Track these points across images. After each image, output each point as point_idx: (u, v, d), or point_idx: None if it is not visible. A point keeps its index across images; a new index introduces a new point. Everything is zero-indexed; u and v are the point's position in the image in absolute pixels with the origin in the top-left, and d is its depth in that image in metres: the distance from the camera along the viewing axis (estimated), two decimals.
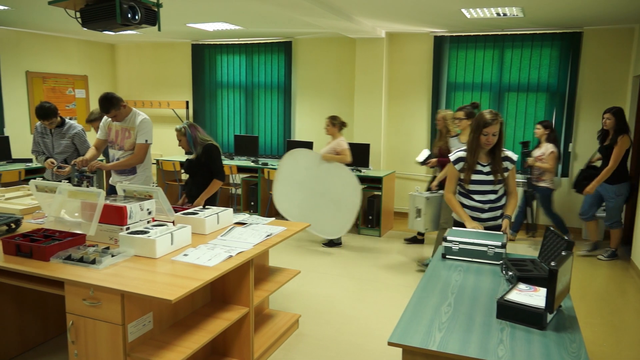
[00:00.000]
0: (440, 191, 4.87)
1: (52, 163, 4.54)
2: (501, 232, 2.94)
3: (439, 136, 5.31)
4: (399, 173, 7.12)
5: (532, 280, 2.27)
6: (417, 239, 6.03)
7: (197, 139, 3.92)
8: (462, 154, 3.11)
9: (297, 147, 7.12)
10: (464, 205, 3.16)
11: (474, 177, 3.07)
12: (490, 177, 3.06)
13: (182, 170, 4.17)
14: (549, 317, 1.95)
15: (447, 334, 1.86)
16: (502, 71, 6.47)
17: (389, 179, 6.55)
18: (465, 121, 4.66)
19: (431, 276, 2.50)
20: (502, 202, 3.12)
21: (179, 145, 4.01)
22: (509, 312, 1.98)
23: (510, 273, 2.40)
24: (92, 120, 4.89)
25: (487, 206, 3.09)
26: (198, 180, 3.97)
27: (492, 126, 2.95)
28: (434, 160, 5.20)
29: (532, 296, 2.06)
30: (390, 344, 1.81)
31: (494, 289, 2.33)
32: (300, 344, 3.47)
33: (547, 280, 1.89)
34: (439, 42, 6.68)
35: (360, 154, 6.72)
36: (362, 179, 6.22)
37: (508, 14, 5.31)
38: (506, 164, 3.07)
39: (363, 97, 6.96)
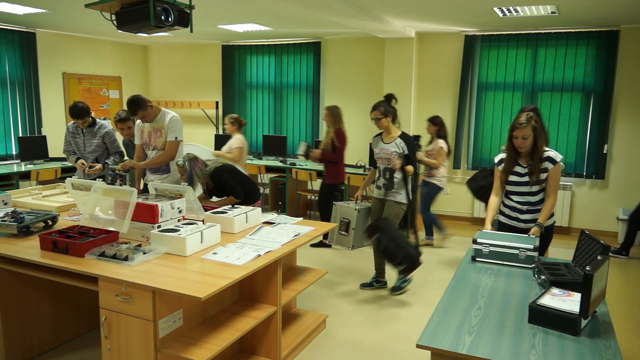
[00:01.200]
0: (367, 203, 4.54)
1: (83, 164, 4.67)
2: (533, 237, 2.88)
3: (325, 132, 5.37)
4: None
5: (566, 285, 2.21)
6: (323, 243, 5.64)
7: (197, 175, 3.92)
8: (504, 155, 3.12)
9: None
10: (505, 206, 3.16)
11: (512, 178, 3.07)
12: (527, 179, 3.02)
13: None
14: (583, 322, 1.90)
15: (477, 337, 1.83)
16: (535, 71, 6.33)
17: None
18: (385, 119, 4.14)
19: (460, 279, 2.46)
20: (532, 216, 3.08)
21: (182, 179, 4.03)
22: (542, 316, 1.94)
23: (543, 277, 2.35)
24: (119, 121, 4.88)
25: (525, 207, 3.05)
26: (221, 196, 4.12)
27: (521, 130, 2.91)
28: (317, 151, 5.13)
29: (566, 301, 2.01)
30: (418, 346, 1.79)
31: (526, 293, 2.28)
32: (327, 344, 3.47)
33: (582, 285, 1.84)
34: (470, 42, 6.58)
35: None
36: None
37: (542, 13, 5.20)
38: (546, 164, 2.98)
39: None
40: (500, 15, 5.36)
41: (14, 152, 6.90)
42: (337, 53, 7.47)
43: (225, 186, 3.98)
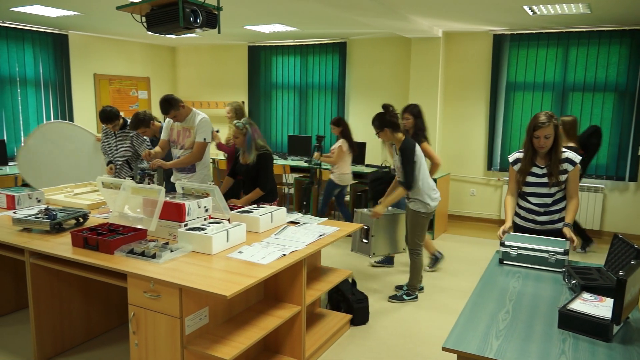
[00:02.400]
0: (393, 209, 4.41)
1: (112, 169, 4.84)
2: (563, 240, 2.80)
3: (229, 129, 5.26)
4: (453, 175, 6.96)
5: (598, 290, 2.15)
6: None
7: (255, 143, 3.89)
8: (520, 155, 3.03)
9: None
10: (520, 207, 3.08)
11: (529, 179, 2.99)
12: (545, 180, 2.94)
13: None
14: (615, 328, 1.85)
15: (505, 342, 1.80)
16: (566, 70, 6.18)
17: (443, 181, 6.42)
18: (382, 133, 3.99)
19: (487, 282, 2.42)
20: (561, 205, 2.98)
21: (234, 142, 3.96)
22: (572, 322, 1.89)
23: (574, 281, 2.29)
24: (139, 126, 4.81)
25: (542, 209, 2.98)
26: (256, 185, 3.99)
27: (543, 129, 2.83)
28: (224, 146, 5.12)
29: (598, 306, 1.96)
30: (444, 349, 1.77)
31: (555, 298, 2.23)
32: (351, 345, 3.46)
33: (615, 290, 1.79)
34: (499, 41, 6.47)
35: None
36: None
37: (574, 11, 5.08)
38: (565, 165, 2.92)
39: (418, 98, 6.84)
40: (530, 13, 5.25)
41: None
42: (362, 53, 7.45)
43: (264, 172, 3.91)
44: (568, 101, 6.22)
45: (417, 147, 3.99)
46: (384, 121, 3.94)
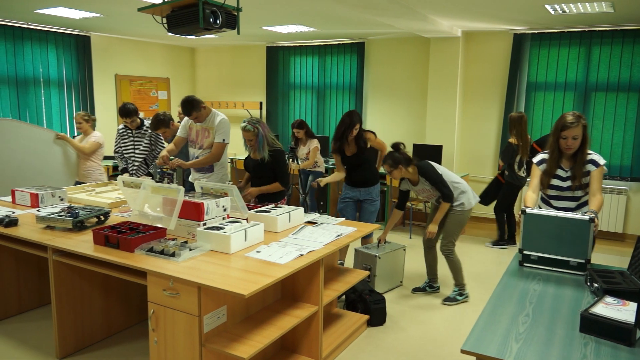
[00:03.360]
0: (392, 244, 4.39)
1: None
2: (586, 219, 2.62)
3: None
4: (472, 176, 6.89)
5: (621, 294, 2.11)
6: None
7: (266, 140, 3.87)
8: (545, 156, 2.97)
9: None
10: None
11: (553, 181, 2.93)
12: (569, 183, 2.88)
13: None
14: (639, 333, 1.81)
15: (525, 345, 1.78)
16: (588, 70, 6.07)
17: None
18: (397, 171, 3.98)
19: (507, 284, 2.40)
20: (585, 209, 2.92)
21: (248, 144, 3.92)
22: (594, 326, 1.86)
23: (596, 285, 2.25)
24: (159, 126, 4.87)
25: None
26: (263, 182, 3.96)
27: (571, 129, 2.77)
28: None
29: (621, 310, 1.92)
30: (463, 351, 1.75)
31: (577, 301, 2.19)
32: (369, 346, 3.45)
33: (639, 294, 1.75)
34: (519, 40, 6.39)
35: (432, 156, 6.58)
36: None
37: (597, 10, 4.98)
38: (589, 167, 2.86)
39: (436, 98, 6.81)
40: (552, 12, 5.18)
41: None
42: (381, 53, 7.42)
43: (280, 169, 3.92)
44: (590, 101, 6.11)
45: (434, 164, 4.09)
46: (397, 159, 3.96)
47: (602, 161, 2.87)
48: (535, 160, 3.04)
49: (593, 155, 2.88)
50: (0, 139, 5.11)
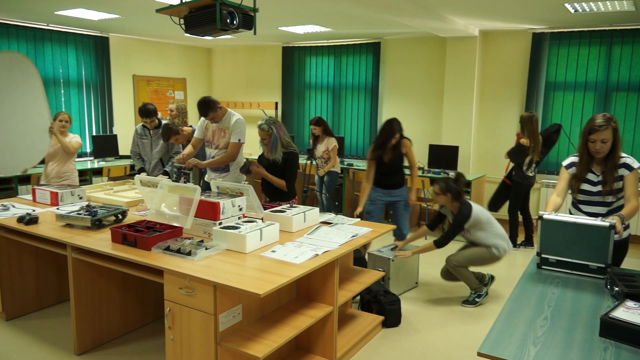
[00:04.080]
0: (406, 252, 4.26)
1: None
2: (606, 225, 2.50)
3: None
4: (489, 177, 6.83)
5: None
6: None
7: (280, 143, 3.87)
8: (575, 159, 2.86)
9: None
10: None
11: (583, 186, 2.82)
12: (599, 188, 2.78)
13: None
14: None
15: (543, 349, 1.75)
16: (609, 70, 5.97)
17: (478, 183, 6.31)
18: (443, 197, 4.02)
19: (524, 287, 2.36)
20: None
21: (262, 143, 3.95)
22: (614, 330, 1.82)
23: (617, 289, 2.21)
24: (170, 136, 4.88)
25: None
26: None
27: (600, 132, 2.66)
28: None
29: None
30: (479, 354, 1.73)
31: (597, 305, 2.15)
32: (383, 347, 3.44)
33: None
34: (538, 39, 6.31)
35: (448, 157, 6.54)
36: None
37: (618, 8, 4.89)
38: (621, 171, 2.73)
39: (453, 98, 6.76)
40: (572, 11, 5.10)
41: (88, 150, 7.34)
42: (397, 53, 7.39)
43: (290, 171, 3.92)
44: (611, 101, 6.01)
45: (475, 212, 4.01)
46: (450, 188, 3.99)
47: (635, 164, 2.73)
48: (564, 163, 2.92)
49: (626, 158, 2.75)
50: (8, 73, 4.62)
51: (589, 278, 2.48)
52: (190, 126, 5.34)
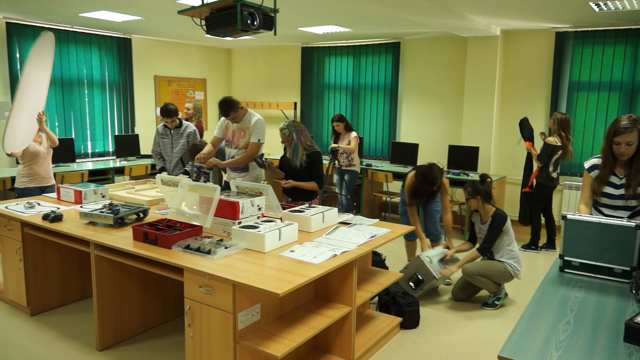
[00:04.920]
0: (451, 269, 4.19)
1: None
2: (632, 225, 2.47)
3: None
4: (509, 178, 6.74)
5: None
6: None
7: (302, 147, 3.92)
8: (597, 161, 2.79)
9: (400, 149, 7.05)
10: None
11: (606, 189, 2.76)
12: (621, 191, 2.71)
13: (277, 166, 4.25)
14: None
15: (566, 353, 1.72)
16: (635, 69, 5.84)
17: (498, 184, 6.23)
18: (473, 200, 4.09)
19: (546, 290, 2.33)
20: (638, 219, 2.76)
21: (283, 143, 4.05)
22: (639, 335, 1.78)
23: None
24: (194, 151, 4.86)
25: None
26: (290, 178, 4.04)
27: (625, 135, 2.58)
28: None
29: None
30: (500, 358, 1.71)
31: (621, 309, 2.11)
32: (401, 348, 3.42)
33: None
34: (562, 38, 6.21)
35: (468, 158, 6.48)
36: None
37: None
38: None
39: (473, 98, 6.69)
40: (597, 10, 5.00)
41: (110, 149, 7.46)
42: (416, 53, 7.34)
43: (317, 170, 3.98)
44: (637, 102, 5.87)
45: (508, 220, 4.06)
46: (478, 190, 4.03)
47: None
48: (586, 165, 2.85)
49: None
50: (48, 50, 4.63)
51: (614, 282, 2.43)
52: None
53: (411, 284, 4.11)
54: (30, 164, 4.76)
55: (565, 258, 2.56)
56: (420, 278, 4.11)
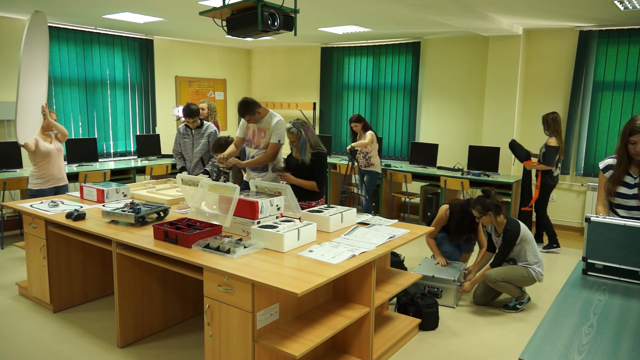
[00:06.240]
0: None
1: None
2: None
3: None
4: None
5: None
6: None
7: (309, 144, 3.92)
8: (612, 161, 2.77)
9: (419, 149, 7.01)
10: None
11: (620, 189, 2.73)
12: (635, 191, 2.67)
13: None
14: None
15: (588, 357, 1.69)
16: None
17: (519, 186, 6.14)
18: (486, 217, 4.01)
19: (569, 293, 2.29)
20: None
21: (291, 145, 4.02)
22: None
23: None
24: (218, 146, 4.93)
25: None
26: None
27: None
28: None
29: None
30: None
31: None
32: (420, 350, 3.40)
33: None
34: (585, 38, 6.09)
35: (488, 158, 6.40)
36: (490, 185, 5.91)
37: None
38: None
39: (494, 98, 6.61)
40: (621, 8, 4.89)
41: (132, 149, 7.57)
42: (437, 53, 7.29)
43: (319, 170, 3.97)
44: None
45: (522, 228, 3.99)
46: (487, 205, 3.96)
47: None
48: (601, 165, 2.83)
49: None
50: (41, 34, 4.45)
51: (639, 286, 2.38)
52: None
53: (435, 295, 4.11)
54: (42, 164, 4.78)
55: (589, 261, 2.51)
56: (437, 289, 4.14)
